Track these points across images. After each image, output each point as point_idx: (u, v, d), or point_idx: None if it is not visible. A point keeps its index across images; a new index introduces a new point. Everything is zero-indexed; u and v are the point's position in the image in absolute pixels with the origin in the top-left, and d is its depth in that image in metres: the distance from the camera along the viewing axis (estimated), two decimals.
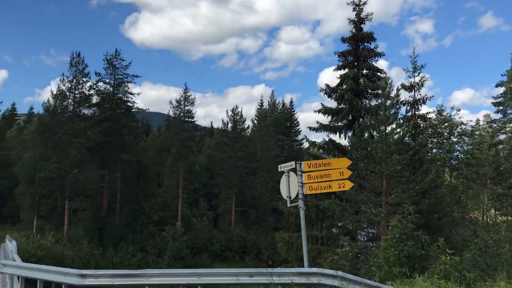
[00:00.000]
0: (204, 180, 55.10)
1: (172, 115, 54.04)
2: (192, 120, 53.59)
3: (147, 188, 48.94)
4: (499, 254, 16.65)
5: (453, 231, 24.52)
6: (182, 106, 51.98)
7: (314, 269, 9.56)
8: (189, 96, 52.63)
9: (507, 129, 51.60)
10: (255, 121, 63.37)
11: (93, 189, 42.14)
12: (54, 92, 43.30)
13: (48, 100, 46.24)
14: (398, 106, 21.22)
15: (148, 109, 54.12)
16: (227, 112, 59.93)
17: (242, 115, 55.66)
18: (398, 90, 21.20)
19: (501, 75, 50.46)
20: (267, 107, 67.89)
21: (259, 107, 65.64)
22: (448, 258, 12.90)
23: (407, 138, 23.07)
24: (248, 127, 60.36)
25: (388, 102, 20.46)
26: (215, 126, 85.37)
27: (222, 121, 65.20)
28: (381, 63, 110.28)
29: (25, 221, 46.36)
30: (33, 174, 42.60)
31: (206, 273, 9.75)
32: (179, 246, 41.42)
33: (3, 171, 52.58)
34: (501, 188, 42.16)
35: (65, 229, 39.27)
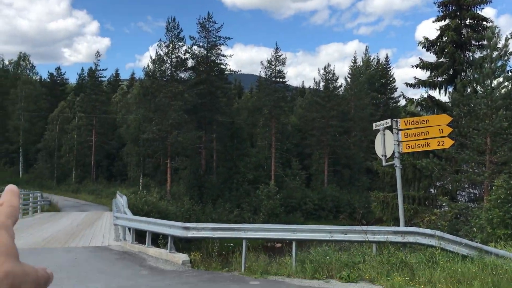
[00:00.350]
0: (296, 140, 55.37)
1: (263, 76, 54.43)
2: (283, 80, 53.57)
3: (241, 148, 50.37)
4: None
5: None
6: (273, 67, 52.05)
7: (411, 228, 9.44)
8: (280, 56, 52.47)
9: None
10: (348, 79, 61.73)
11: (191, 149, 44.29)
12: (153, 57, 45.60)
13: (147, 65, 48.92)
14: (506, 57, 19.45)
15: (240, 70, 55.03)
16: (318, 70, 58.88)
17: (334, 73, 54.47)
18: (507, 40, 19.35)
19: None
20: (361, 63, 65.67)
21: (352, 64, 63.73)
22: None
23: None
24: (340, 86, 59.04)
25: (495, 53, 18.88)
26: (306, 85, 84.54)
27: (314, 80, 64.53)
28: (487, 11, 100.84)
29: (132, 179, 50.32)
30: (137, 135, 45.86)
31: (301, 229, 10.03)
32: (273, 204, 42.54)
33: (111, 133, 57.27)
34: None
35: (167, 186, 42.10)
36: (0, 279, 0.55)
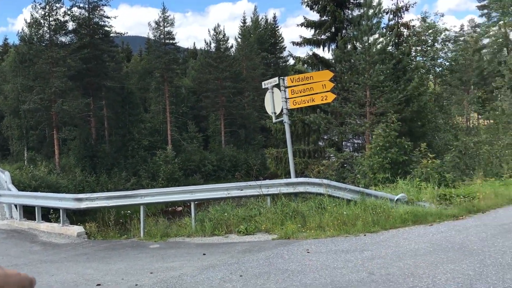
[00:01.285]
0: (191, 103, 54.96)
1: (152, 38, 52.62)
2: (174, 42, 52.26)
3: (134, 114, 48.82)
4: (478, 155, 17.41)
5: (436, 137, 25.32)
6: (161, 28, 50.43)
7: (301, 179, 10.06)
8: (168, 16, 50.90)
9: (491, 33, 51.41)
10: (239, 40, 62.00)
11: (79, 117, 41.95)
12: (28, 21, 41.63)
13: (22, 30, 44.58)
14: (380, 15, 20.92)
15: (127, 32, 52.67)
16: (209, 31, 58.37)
17: (225, 34, 54.31)
18: None
19: None
20: (250, 24, 66.13)
21: (242, 24, 63.96)
22: (429, 162, 13.45)
23: (390, 48, 22.99)
24: (232, 46, 59.19)
25: (371, 11, 20.16)
26: (198, 47, 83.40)
27: (205, 41, 63.74)
28: None
29: (15, 154, 46.59)
30: (17, 106, 42.18)
31: (198, 190, 10.20)
32: (171, 168, 42.31)
33: None
34: (483, 93, 42.83)
35: (56, 159, 39.65)
36: None
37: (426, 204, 9.43)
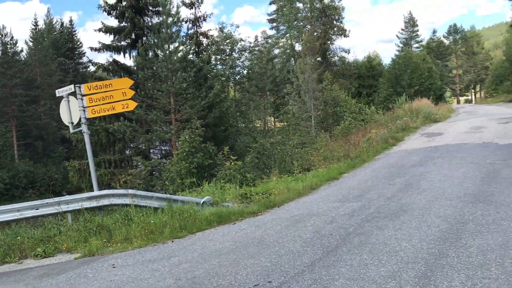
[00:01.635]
0: None
1: None
2: None
3: None
4: (274, 154, 19.16)
5: (238, 140, 27.03)
6: None
7: (104, 191, 9.60)
8: None
9: (280, 44, 57.30)
10: (30, 44, 56.28)
11: None
12: None
13: None
14: (180, 23, 21.41)
15: None
16: None
17: (13, 37, 48.71)
18: (178, 7, 21.24)
19: None
20: (43, 27, 60.67)
21: (33, 27, 58.20)
22: (232, 163, 14.27)
23: (190, 56, 23.73)
24: (22, 51, 53.37)
25: (170, 19, 20.46)
26: None
27: None
28: None
29: None
30: None
31: None
32: None
33: None
34: (276, 98, 47.43)
35: None
36: None
37: (229, 204, 9.95)
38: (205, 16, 28.50)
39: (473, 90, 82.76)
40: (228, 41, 40.34)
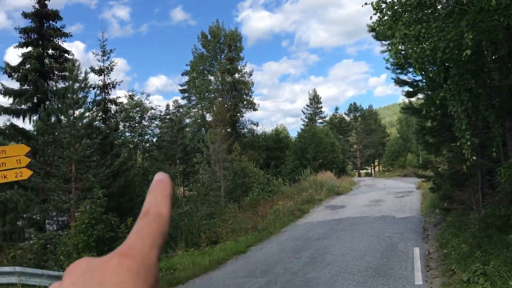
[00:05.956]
0: None
1: None
2: None
3: None
4: (181, 226, 18.61)
5: None
6: None
7: None
8: None
9: (191, 113, 57.96)
10: None
11: None
12: None
13: None
14: (87, 89, 20.83)
15: None
16: None
17: None
18: (86, 73, 20.76)
19: (186, 65, 56.05)
20: None
21: None
22: None
23: (97, 122, 22.99)
24: None
25: (77, 85, 19.87)
26: None
27: None
28: (77, 45, 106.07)
29: None
30: None
31: None
32: None
33: None
34: (186, 167, 47.08)
35: None
36: None
37: None
38: (114, 83, 28.18)
39: (372, 164, 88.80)
40: (138, 108, 39.95)
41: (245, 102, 52.41)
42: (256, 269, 9.02)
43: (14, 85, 23.70)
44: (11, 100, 23.60)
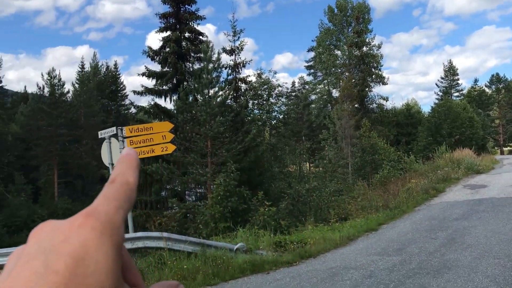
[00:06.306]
0: (19, 151, 49.71)
1: None
2: (1, 85, 47.41)
3: None
4: (309, 202, 18.84)
5: (272, 185, 26.81)
6: None
7: (139, 234, 9.61)
8: None
9: (317, 90, 57.71)
10: (76, 85, 58.90)
11: None
12: None
13: None
14: (220, 69, 21.92)
15: None
16: (42, 75, 54.32)
17: (60, 79, 51.07)
18: (219, 53, 21.84)
19: (312, 40, 55.70)
20: (89, 69, 63.58)
21: (80, 69, 61.12)
22: (266, 209, 14.10)
23: (229, 101, 24.13)
24: (68, 92, 55.82)
25: (210, 65, 21.01)
26: (30, 91, 76.78)
27: (37, 85, 59.07)
28: (209, 27, 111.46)
29: None
30: None
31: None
32: None
33: None
34: (312, 144, 47.25)
35: None
36: None
37: (263, 252, 9.74)
38: (244, 62, 29.18)
39: None
40: (265, 86, 40.94)
41: (373, 76, 50.67)
42: (388, 247, 8.81)
43: (156, 67, 25.86)
44: (154, 81, 25.87)
